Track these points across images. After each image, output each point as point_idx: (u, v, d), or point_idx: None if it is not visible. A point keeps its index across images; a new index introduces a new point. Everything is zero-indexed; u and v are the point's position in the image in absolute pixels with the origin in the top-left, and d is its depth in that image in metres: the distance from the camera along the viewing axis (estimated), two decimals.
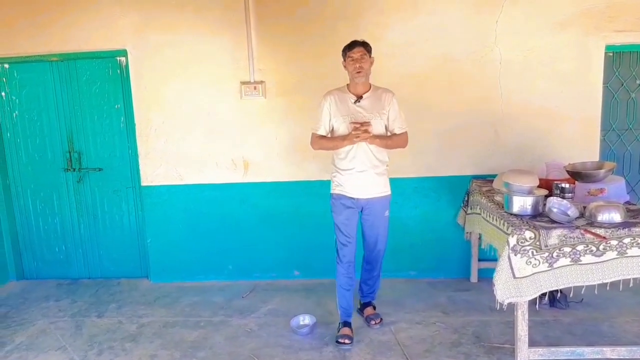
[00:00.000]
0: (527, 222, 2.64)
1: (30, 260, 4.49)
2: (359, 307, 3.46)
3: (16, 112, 4.25)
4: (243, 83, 3.90)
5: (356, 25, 3.74)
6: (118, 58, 4.07)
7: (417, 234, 4.00)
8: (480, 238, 3.61)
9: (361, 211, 3.15)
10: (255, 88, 3.90)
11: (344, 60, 3.06)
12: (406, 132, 3.14)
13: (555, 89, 3.76)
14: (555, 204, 2.73)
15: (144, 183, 4.13)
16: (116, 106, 4.16)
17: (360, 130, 2.91)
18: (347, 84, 3.11)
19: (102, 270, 4.43)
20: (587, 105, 3.77)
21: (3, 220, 4.34)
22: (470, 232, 3.78)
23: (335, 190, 3.15)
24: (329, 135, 3.15)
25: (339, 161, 3.10)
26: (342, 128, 3.05)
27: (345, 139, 2.99)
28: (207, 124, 4.01)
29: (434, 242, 4.03)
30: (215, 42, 3.90)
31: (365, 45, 3.01)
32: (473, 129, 3.85)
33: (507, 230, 2.64)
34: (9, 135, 4.29)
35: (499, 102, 3.80)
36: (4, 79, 4.20)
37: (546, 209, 2.71)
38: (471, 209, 3.69)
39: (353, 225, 3.15)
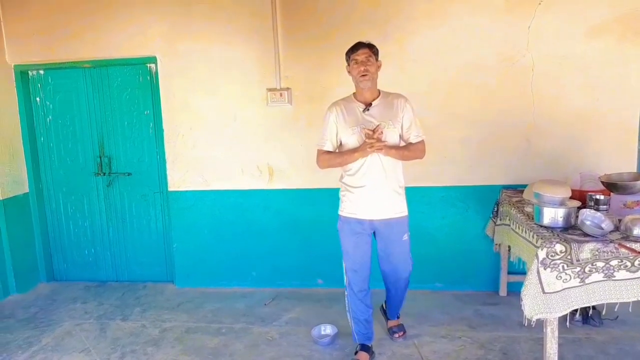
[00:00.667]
0: (558, 235, 2.52)
1: (61, 262, 4.59)
2: (381, 307, 3.38)
3: (50, 117, 4.37)
4: (269, 90, 3.91)
5: (384, 31, 3.70)
6: (148, 65, 4.14)
7: (444, 245, 3.90)
8: (509, 250, 3.49)
9: (374, 235, 2.87)
10: (281, 95, 3.89)
11: (348, 64, 2.80)
12: (423, 141, 2.86)
13: (590, 97, 3.62)
14: (589, 216, 2.61)
15: (171, 188, 4.17)
16: (145, 112, 4.22)
17: (373, 138, 2.62)
18: (354, 93, 2.86)
19: (129, 274, 4.49)
20: (624, 113, 3.61)
21: (35, 223, 4.45)
22: (500, 244, 3.66)
23: (343, 211, 2.85)
24: (337, 151, 2.88)
25: (349, 178, 2.81)
26: (351, 141, 2.76)
27: (356, 151, 2.70)
28: (233, 131, 4.03)
29: (461, 253, 3.92)
30: (242, 49, 3.92)
31: (370, 47, 2.76)
32: (504, 138, 3.74)
33: (537, 242, 2.53)
34: (42, 139, 4.41)
35: (531, 110, 3.68)
36: (39, 85, 4.33)
37: (579, 221, 2.59)
38: (500, 220, 3.58)
39: (364, 252, 2.85)
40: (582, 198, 2.94)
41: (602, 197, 2.86)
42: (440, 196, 3.87)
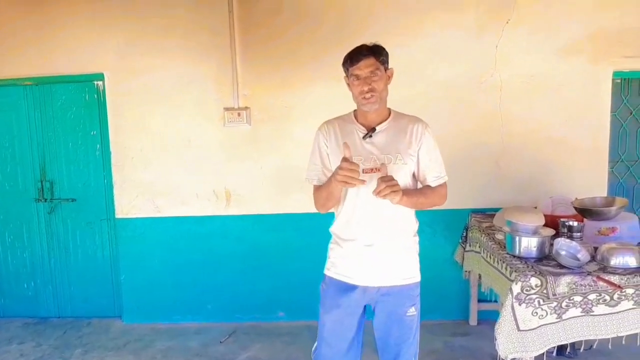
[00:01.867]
0: (532, 267, 2.35)
1: None
2: None
3: None
4: (226, 109, 3.67)
5: (350, 48, 3.50)
6: (95, 82, 3.84)
7: None
8: (479, 278, 3.31)
9: (371, 308, 2.10)
10: (239, 115, 3.66)
11: (346, 75, 2.08)
12: (445, 184, 2.12)
13: (560, 118, 3.51)
14: (564, 246, 2.44)
15: (118, 215, 3.85)
16: (92, 133, 3.91)
17: (382, 185, 1.78)
18: (355, 111, 2.14)
19: (72, 309, 4.11)
20: (594, 135, 3.52)
21: None
22: (469, 271, 3.48)
23: (329, 270, 2.12)
24: None
25: (338, 225, 2.10)
26: None
27: (330, 178, 1.92)
28: (187, 153, 3.76)
29: (429, 280, 3.60)
30: (198, 66, 3.68)
31: (377, 54, 2.00)
32: (473, 159, 3.59)
33: (510, 275, 2.35)
34: None
35: (500, 131, 3.55)
36: None
37: (553, 251, 2.42)
38: (470, 245, 3.40)
39: (346, 334, 2.08)
40: (554, 224, 2.79)
41: (575, 223, 2.71)
42: None
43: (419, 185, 2.13)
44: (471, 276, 3.53)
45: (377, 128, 2.04)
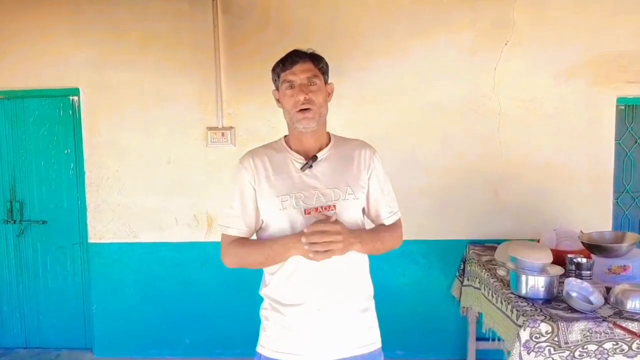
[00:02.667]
0: (540, 310, 2.13)
1: None
2: None
3: None
4: (210, 129, 3.45)
5: (339, 68, 3.28)
6: (70, 97, 3.62)
7: (406, 307, 3.45)
8: (479, 316, 3.09)
9: None
10: (223, 135, 3.44)
11: (276, 88, 1.73)
12: (400, 220, 1.81)
13: (561, 145, 3.34)
14: (575, 287, 2.23)
15: (91, 240, 3.59)
16: (66, 151, 3.67)
17: (321, 236, 1.46)
18: (285, 137, 1.76)
19: (41, 339, 3.82)
20: (598, 163, 3.34)
21: None
22: (468, 307, 3.25)
23: (264, 348, 1.66)
24: (256, 237, 1.72)
25: (274, 286, 1.64)
26: (280, 222, 1.61)
27: (289, 245, 1.54)
28: (167, 174, 3.52)
29: (424, 316, 3.49)
30: (180, 82, 3.47)
31: (315, 59, 1.68)
32: (469, 188, 3.39)
33: (518, 320, 2.12)
34: None
35: (499, 158, 3.36)
36: None
37: (564, 292, 2.21)
38: (468, 280, 3.19)
39: None
40: (559, 260, 2.57)
41: (584, 260, 2.49)
42: (400, 251, 3.39)
43: (367, 224, 1.75)
44: (469, 313, 3.29)
45: (319, 155, 1.67)
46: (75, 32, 3.50)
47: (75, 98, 3.59)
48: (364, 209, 1.73)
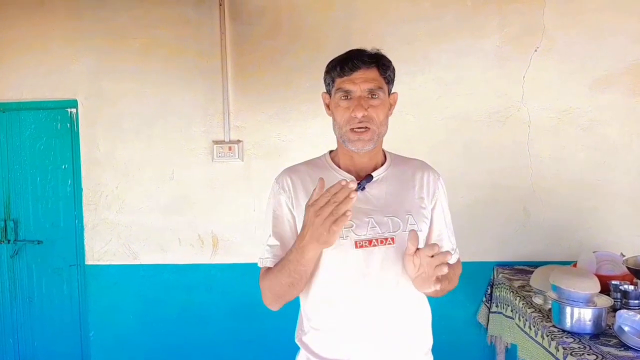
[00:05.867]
0: (590, 347, 1.87)
1: None
2: None
3: None
4: (216, 142, 3.23)
5: None
6: (69, 110, 3.41)
7: None
8: (509, 346, 2.83)
9: None
10: (230, 149, 3.23)
11: (328, 93, 1.46)
12: (460, 260, 1.62)
13: (597, 160, 3.07)
14: (627, 321, 1.97)
15: (89, 261, 3.37)
16: (63, 166, 3.46)
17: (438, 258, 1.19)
18: (331, 152, 1.52)
19: None
20: (637, 179, 3.07)
21: None
22: (496, 336, 2.99)
23: None
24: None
25: (314, 336, 1.40)
26: (322, 256, 1.32)
27: (301, 240, 1.21)
28: (169, 192, 3.31)
29: (448, 345, 3.16)
30: (184, 93, 3.27)
31: (381, 65, 1.39)
32: (497, 205, 3.13)
33: (563, 358, 1.86)
34: None
35: (529, 172, 3.11)
36: None
37: (615, 327, 1.94)
38: (497, 306, 2.92)
39: None
40: (603, 286, 2.31)
41: (631, 288, 2.25)
42: None
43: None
44: (498, 342, 3.02)
45: (375, 174, 1.40)
46: (73, 40, 3.31)
47: (73, 110, 3.40)
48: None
